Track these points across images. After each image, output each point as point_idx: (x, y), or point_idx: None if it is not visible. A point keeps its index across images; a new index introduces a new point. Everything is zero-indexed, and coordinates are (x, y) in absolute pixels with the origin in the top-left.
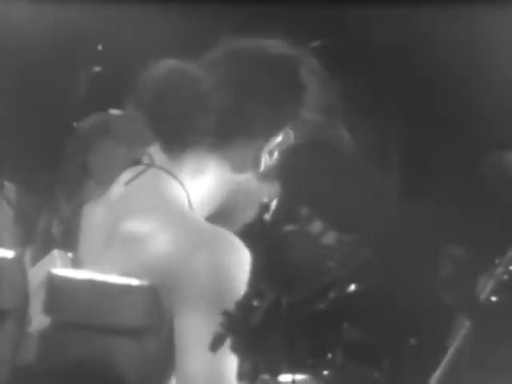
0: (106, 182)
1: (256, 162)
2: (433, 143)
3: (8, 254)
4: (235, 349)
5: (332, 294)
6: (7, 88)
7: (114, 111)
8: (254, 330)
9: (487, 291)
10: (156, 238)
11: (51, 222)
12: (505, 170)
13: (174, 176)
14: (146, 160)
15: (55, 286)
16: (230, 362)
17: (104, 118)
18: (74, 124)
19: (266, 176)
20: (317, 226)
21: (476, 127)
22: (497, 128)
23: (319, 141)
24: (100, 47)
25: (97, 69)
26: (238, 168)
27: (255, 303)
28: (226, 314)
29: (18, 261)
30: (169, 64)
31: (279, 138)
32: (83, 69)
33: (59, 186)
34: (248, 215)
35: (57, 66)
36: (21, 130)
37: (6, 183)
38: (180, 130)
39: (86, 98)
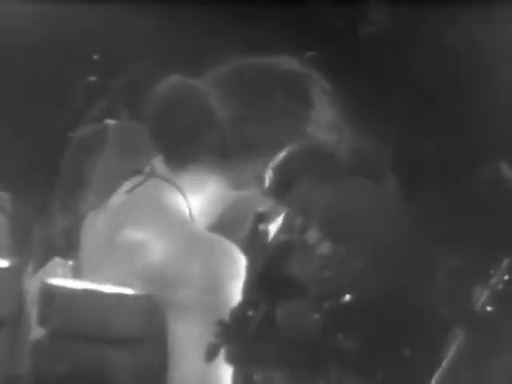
0: (103, 191)
1: (259, 179)
2: (428, 154)
3: (3, 263)
4: (230, 359)
5: (327, 305)
6: (3, 97)
7: (111, 121)
8: (249, 340)
9: (482, 302)
10: (153, 247)
11: (51, 231)
12: (501, 180)
13: (176, 186)
14: (147, 170)
15: (49, 297)
16: (225, 372)
17: (100, 128)
18: (71, 134)
19: (269, 192)
20: (312, 235)
21: (473, 137)
22: (494, 137)
23: (316, 151)
24: (95, 57)
25: (92, 79)
26: (240, 184)
27: (250, 313)
28: (220, 323)
29: (13, 270)
30: (176, 79)
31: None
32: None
33: (55, 195)
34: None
35: (53, 75)
36: (16, 139)
37: (0, 192)
38: (184, 145)
39: (83, 108)
